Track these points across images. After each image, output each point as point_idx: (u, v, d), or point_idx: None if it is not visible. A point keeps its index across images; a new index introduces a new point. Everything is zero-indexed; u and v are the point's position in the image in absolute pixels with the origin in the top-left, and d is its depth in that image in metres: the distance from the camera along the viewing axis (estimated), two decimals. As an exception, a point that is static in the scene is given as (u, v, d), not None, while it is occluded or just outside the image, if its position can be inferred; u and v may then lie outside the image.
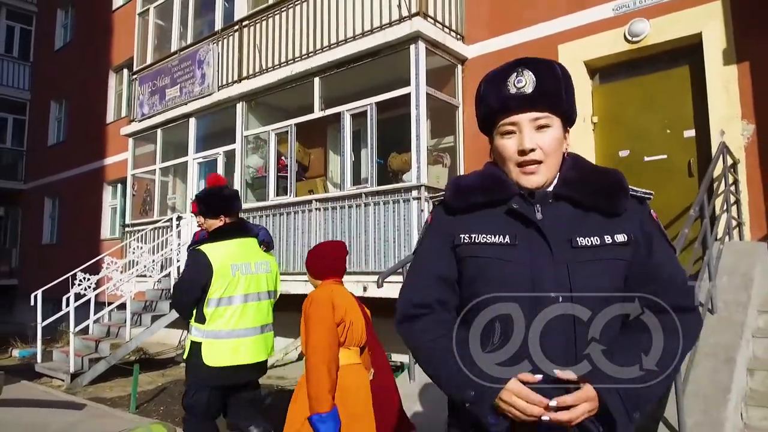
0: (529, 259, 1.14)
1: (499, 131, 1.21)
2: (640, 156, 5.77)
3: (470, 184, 1.25)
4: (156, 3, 10.26)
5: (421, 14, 6.23)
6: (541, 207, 1.18)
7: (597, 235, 1.15)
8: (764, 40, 4.94)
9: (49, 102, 15.93)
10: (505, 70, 1.20)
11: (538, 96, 1.15)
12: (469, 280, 1.21)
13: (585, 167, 1.25)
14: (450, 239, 1.24)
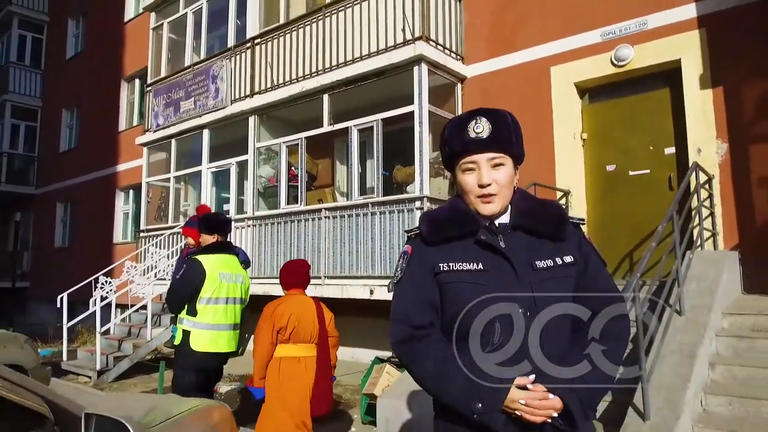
0: (498, 283, 1.36)
1: (461, 168, 1.43)
2: (626, 170, 6.28)
3: (443, 219, 1.47)
4: (170, 18, 10.75)
5: (423, 38, 6.74)
6: (503, 237, 1.42)
7: (550, 258, 1.41)
8: (737, 67, 5.44)
9: (61, 109, 16.42)
10: (466, 118, 1.44)
11: (493, 140, 1.39)
12: (449, 303, 1.42)
13: (532, 200, 1.53)
14: (431, 268, 1.44)
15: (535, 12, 6.87)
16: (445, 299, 1.43)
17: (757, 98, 5.35)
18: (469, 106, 7.32)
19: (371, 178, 7.68)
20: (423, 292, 1.44)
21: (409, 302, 1.45)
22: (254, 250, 8.16)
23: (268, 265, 7.98)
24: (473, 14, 7.44)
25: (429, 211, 1.56)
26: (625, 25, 6.13)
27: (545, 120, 6.65)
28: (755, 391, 3.45)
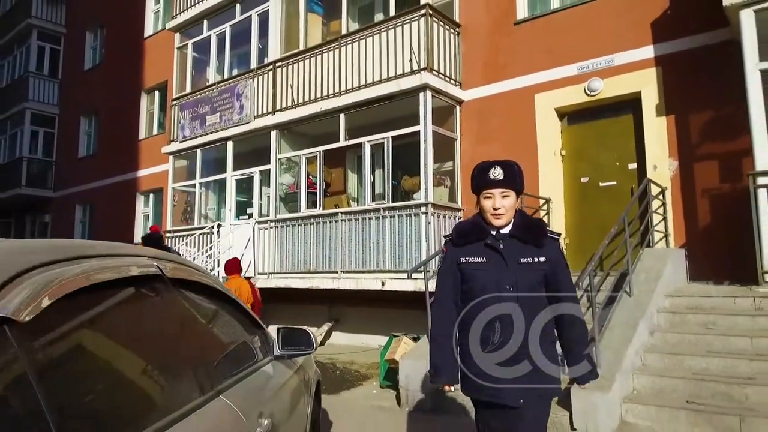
0: (495, 270, 2.23)
1: (483, 196, 2.27)
2: (597, 182, 7.52)
3: (467, 230, 2.35)
4: (194, 39, 11.88)
5: (428, 69, 7.94)
6: (503, 242, 2.26)
7: (531, 257, 2.23)
8: (686, 99, 6.69)
9: (79, 117, 17.43)
10: (488, 166, 2.26)
11: (503, 181, 2.23)
12: (465, 280, 2.29)
13: (526, 218, 2.37)
14: (456, 261, 2.32)
15: (523, 47, 8.10)
16: (464, 279, 2.30)
17: (701, 125, 6.61)
18: (466, 125, 8.55)
19: (380, 186, 8.86)
20: (450, 279, 2.33)
21: (443, 284, 2.36)
22: (276, 249, 9.31)
23: (289, 262, 9.13)
24: (470, 47, 8.66)
25: (459, 223, 2.49)
26: (597, 62, 7.38)
27: (530, 138, 7.88)
28: (679, 349, 4.68)
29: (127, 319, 1.37)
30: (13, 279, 0.99)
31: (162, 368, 1.43)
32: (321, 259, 8.73)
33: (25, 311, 0.96)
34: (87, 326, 1.19)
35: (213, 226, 10.37)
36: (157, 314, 1.51)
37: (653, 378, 4.40)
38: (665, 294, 5.44)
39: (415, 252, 7.61)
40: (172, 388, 1.42)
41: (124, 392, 1.22)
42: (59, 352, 1.08)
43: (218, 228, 10.27)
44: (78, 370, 1.09)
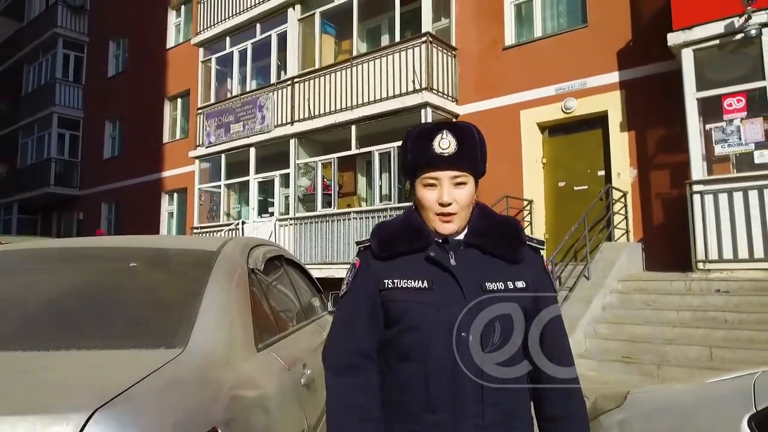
0: (443, 302, 1.25)
1: (422, 182, 1.30)
2: (572, 186, 8.84)
3: (394, 234, 1.35)
4: (217, 54, 13.19)
5: (428, 88, 9.26)
6: (454, 254, 1.30)
7: (502, 280, 1.28)
8: (644, 117, 7.99)
9: (104, 121, 18.76)
10: (432, 131, 1.29)
11: (457, 158, 1.26)
12: (392, 321, 1.30)
13: (490, 216, 1.37)
14: (376, 283, 1.32)
15: (510, 69, 9.42)
16: (389, 317, 1.31)
17: (656, 140, 7.93)
18: (461, 136, 9.84)
19: (387, 189, 10.19)
20: (367, 313, 1.33)
21: (352, 326, 1.33)
22: (296, 243, 10.65)
23: (308, 255, 10.46)
24: (465, 68, 9.97)
25: (381, 224, 1.42)
26: (572, 84, 8.69)
27: (516, 148, 9.20)
28: (623, 320, 6.04)
29: (281, 273, 2.72)
30: (252, 249, 2.33)
31: (295, 301, 2.79)
32: (336, 251, 10.06)
33: (259, 265, 2.30)
34: (273, 275, 2.55)
35: (238, 223, 11.71)
36: (286, 274, 2.85)
37: (600, 341, 5.76)
38: (618, 279, 6.79)
39: (417, 245, 8.92)
40: (296, 313, 2.76)
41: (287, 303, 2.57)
42: (266, 282, 2.42)
43: (243, 225, 11.61)
44: (274, 291, 2.45)
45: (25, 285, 1.87)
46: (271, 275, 2.52)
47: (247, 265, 2.17)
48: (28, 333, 1.54)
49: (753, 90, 6.45)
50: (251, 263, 2.22)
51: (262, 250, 2.46)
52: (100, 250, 2.17)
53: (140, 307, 1.75)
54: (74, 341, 1.48)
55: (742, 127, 6.44)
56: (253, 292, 2.07)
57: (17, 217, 21.44)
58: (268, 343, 1.96)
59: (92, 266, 1.99)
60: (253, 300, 2.02)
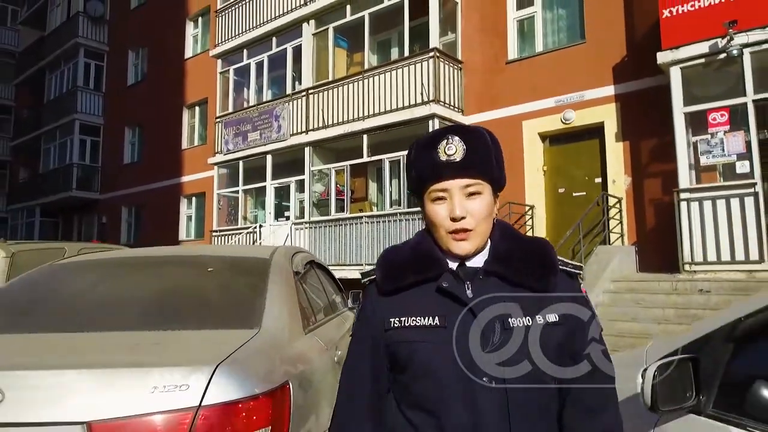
0: (459, 342, 1.07)
1: (430, 197, 1.14)
2: (571, 192, 9.41)
3: (402, 263, 1.17)
4: (235, 66, 13.86)
5: (436, 100, 9.86)
6: (471, 284, 1.12)
7: (529, 314, 1.09)
8: (638, 129, 8.54)
9: (123, 128, 19.51)
10: (437, 136, 1.14)
11: (467, 163, 1.10)
12: (400, 367, 1.13)
13: (514, 238, 1.19)
14: (381, 325, 1.16)
15: (512, 82, 9.99)
16: (396, 360, 1.14)
17: (649, 149, 8.47)
18: (466, 144, 10.42)
19: (397, 194, 10.79)
20: (366, 361, 1.18)
21: (351, 371, 1.22)
22: (310, 246, 11.27)
23: (322, 257, 11.07)
24: (470, 80, 10.56)
25: (389, 250, 1.24)
26: (570, 96, 9.25)
27: (518, 156, 9.77)
28: (614, 317, 6.61)
29: (313, 275, 3.34)
30: (294, 255, 2.95)
31: (324, 297, 3.41)
32: (348, 253, 10.68)
33: (300, 268, 2.92)
34: (309, 276, 3.17)
35: (256, 226, 12.37)
36: (317, 275, 3.47)
37: (592, 336, 6.33)
38: (611, 279, 7.36)
39: (425, 248, 9.52)
40: (325, 307, 3.38)
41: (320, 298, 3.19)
42: (305, 282, 3.03)
43: (260, 228, 12.27)
44: (310, 289, 3.06)
45: (133, 285, 2.50)
46: (307, 276, 3.14)
47: (292, 268, 2.80)
48: (149, 319, 2.16)
49: (735, 105, 6.99)
50: (294, 267, 2.84)
51: (301, 256, 3.08)
52: (181, 258, 2.82)
53: (223, 300, 2.37)
54: (183, 324, 2.10)
55: (725, 140, 6.98)
56: (297, 289, 2.69)
57: (39, 220, 22.26)
58: (311, 329, 2.57)
59: (180, 270, 2.62)
60: (298, 295, 2.64)
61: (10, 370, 1.63)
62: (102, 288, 2.51)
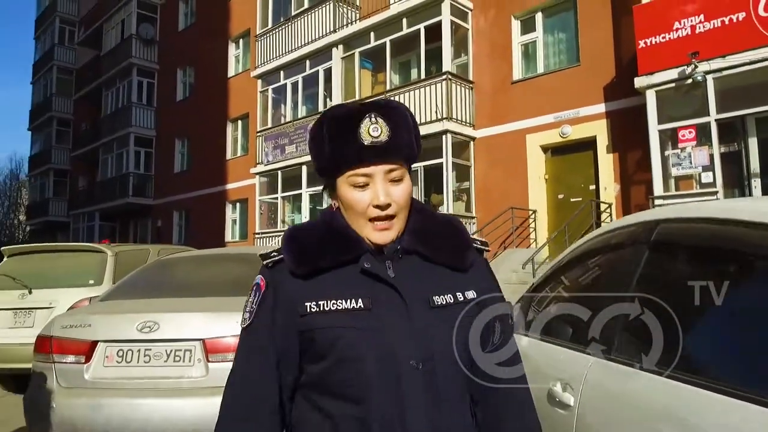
0: (386, 325, 1.01)
1: (348, 182, 1.04)
2: (569, 198, 10.55)
3: (316, 243, 1.07)
4: (273, 86, 15.47)
5: (448, 117, 11.16)
6: (392, 264, 1.06)
7: (450, 292, 1.07)
8: (625, 143, 9.63)
9: (173, 139, 21.47)
10: (355, 113, 1.03)
11: (393, 146, 1.02)
12: (318, 355, 1.03)
13: (427, 216, 1.14)
14: (291, 310, 1.04)
15: (517, 100, 11.20)
16: (311, 350, 1.04)
17: (635, 160, 9.56)
18: (478, 156, 11.71)
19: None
20: (266, 355, 1.06)
21: (246, 369, 1.08)
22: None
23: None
24: (480, 98, 11.82)
25: (294, 229, 1.13)
26: (567, 113, 10.41)
27: (522, 166, 10.97)
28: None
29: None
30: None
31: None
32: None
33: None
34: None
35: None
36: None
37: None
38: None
39: (439, 248, 10.84)
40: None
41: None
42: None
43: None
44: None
45: (210, 270, 3.95)
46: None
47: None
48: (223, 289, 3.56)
49: (701, 123, 8.05)
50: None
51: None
52: (242, 255, 4.27)
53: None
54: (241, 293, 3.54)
55: (692, 154, 8.05)
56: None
57: (99, 224, 24.53)
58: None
59: (235, 262, 4.05)
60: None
61: (160, 312, 3.11)
62: (192, 272, 3.98)
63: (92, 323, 3.17)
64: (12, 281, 5.65)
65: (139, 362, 3.05)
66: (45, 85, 31.41)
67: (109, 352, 3.09)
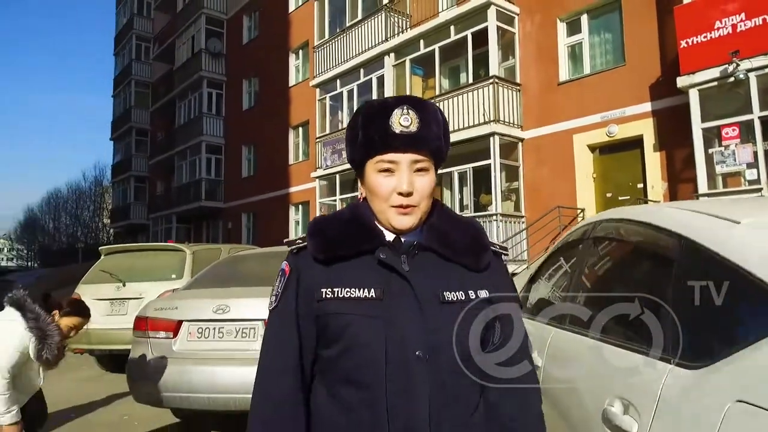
0: (396, 316, 1.06)
1: (376, 168, 1.09)
2: (617, 197, 10.71)
3: (337, 233, 1.14)
4: (330, 94, 16.35)
5: (495, 120, 11.56)
6: (408, 259, 1.11)
7: (462, 289, 1.11)
8: (672, 141, 9.72)
9: (240, 146, 22.88)
10: (389, 105, 1.09)
11: (421, 137, 1.07)
12: (330, 340, 1.09)
13: (447, 216, 1.19)
14: (311, 295, 1.11)
15: (564, 101, 11.45)
16: (325, 334, 1.10)
17: (681, 158, 9.64)
18: (526, 156, 12.04)
19: (467, 200, 12.59)
20: (288, 335, 1.13)
21: (272, 348, 1.15)
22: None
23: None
24: (528, 100, 12.14)
25: (321, 219, 1.20)
26: (614, 113, 10.58)
27: (570, 165, 11.22)
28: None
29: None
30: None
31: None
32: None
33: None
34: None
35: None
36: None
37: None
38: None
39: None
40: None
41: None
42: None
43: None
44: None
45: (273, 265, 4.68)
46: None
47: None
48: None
49: (744, 121, 8.11)
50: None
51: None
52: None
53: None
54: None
55: (736, 151, 8.12)
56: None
57: (175, 226, 26.42)
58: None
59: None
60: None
61: (230, 298, 3.86)
62: (255, 266, 4.73)
63: (178, 306, 3.97)
64: (109, 276, 6.68)
65: (214, 337, 3.81)
66: (124, 98, 33.98)
67: (191, 330, 3.88)
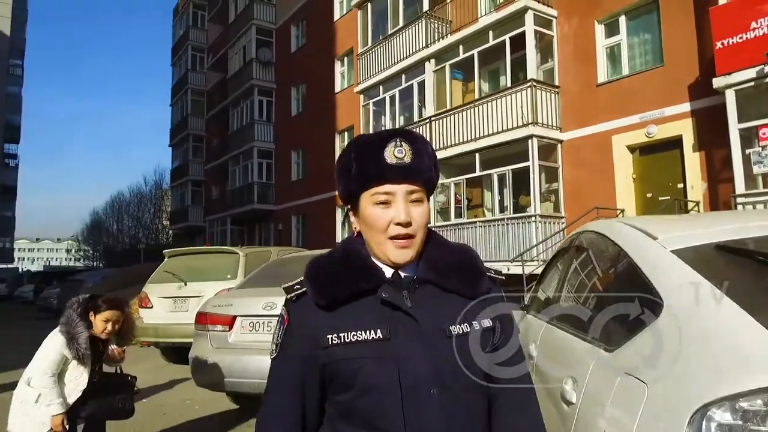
0: (405, 355, 1.05)
1: (372, 200, 1.09)
2: (657, 197, 10.75)
3: (335, 274, 1.12)
4: (374, 99, 16.91)
5: (533, 123, 11.79)
6: (408, 293, 1.11)
7: (467, 321, 1.11)
8: (711, 141, 9.71)
9: (290, 151, 23.80)
10: (383, 138, 1.11)
11: (415, 168, 1.09)
12: (342, 386, 1.08)
13: (441, 245, 1.19)
14: (313, 343, 1.09)
15: (603, 102, 11.55)
16: (335, 382, 1.08)
17: (720, 158, 9.62)
18: (566, 158, 12.20)
19: (506, 201, 12.85)
20: (291, 391, 1.12)
21: (273, 404, 1.14)
22: (437, 246, 13.79)
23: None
24: (566, 102, 12.28)
25: (315, 261, 1.18)
26: (652, 113, 10.62)
27: (609, 166, 11.32)
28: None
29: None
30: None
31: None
32: (466, 252, 12.97)
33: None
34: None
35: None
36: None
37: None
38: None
39: (525, 245, 11.52)
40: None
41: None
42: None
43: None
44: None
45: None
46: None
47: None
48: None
49: (783, 121, 8.09)
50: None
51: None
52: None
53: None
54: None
55: (774, 151, 8.11)
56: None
57: (230, 228, 27.69)
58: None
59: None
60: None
61: (278, 296, 4.41)
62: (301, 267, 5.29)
63: (233, 303, 4.57)
64: (172, 276, 7.44)
65: (264, 331, 4.39)
66: (181, 106, 35.73)
67: (244, 324, 4.47)
